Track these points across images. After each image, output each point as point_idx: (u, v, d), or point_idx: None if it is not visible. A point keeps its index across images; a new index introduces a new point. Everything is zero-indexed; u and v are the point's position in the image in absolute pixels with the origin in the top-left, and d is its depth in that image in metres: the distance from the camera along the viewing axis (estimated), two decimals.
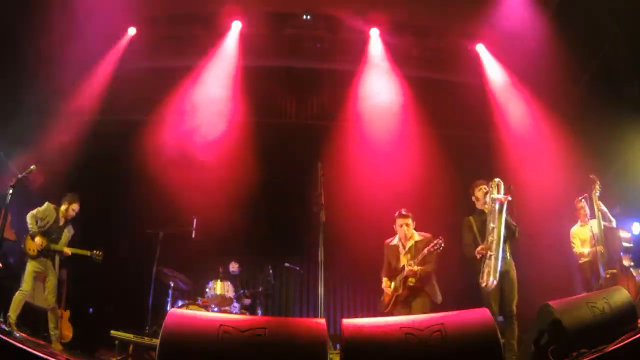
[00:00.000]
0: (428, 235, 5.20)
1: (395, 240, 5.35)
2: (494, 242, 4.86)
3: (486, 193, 5.15)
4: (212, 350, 2.59)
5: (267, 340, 2.65)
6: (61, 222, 6.24)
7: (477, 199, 5.34)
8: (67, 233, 6.27)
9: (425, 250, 4.90)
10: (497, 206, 4.93)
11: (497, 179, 5.11)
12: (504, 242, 4.95)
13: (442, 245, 4.84)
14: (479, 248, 5.02)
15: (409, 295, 5.00)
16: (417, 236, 5.23)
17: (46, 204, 6.21)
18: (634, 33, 6.29)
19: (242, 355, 2.60)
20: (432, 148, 8.11)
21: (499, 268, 4.82)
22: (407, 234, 5.19)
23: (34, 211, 6.08)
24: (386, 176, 7.56)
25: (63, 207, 6.25)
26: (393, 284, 5.16)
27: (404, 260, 5.14)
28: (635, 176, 6.59)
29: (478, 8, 7.31)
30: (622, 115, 6.55)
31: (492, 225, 4.93)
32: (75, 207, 6.29)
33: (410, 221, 5.23)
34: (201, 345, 2.61)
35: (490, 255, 4.85)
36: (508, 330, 4.89)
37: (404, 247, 5.23)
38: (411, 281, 4.94)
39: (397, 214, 5.32)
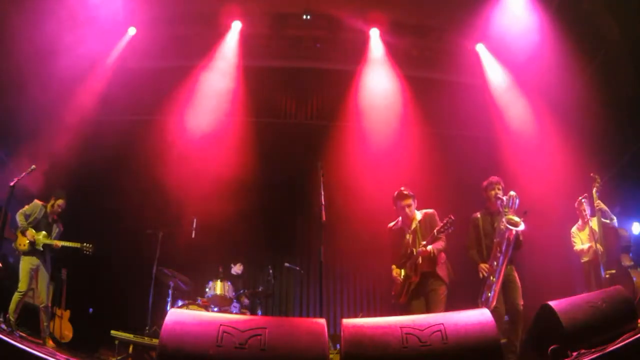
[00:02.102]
0: (430, 210, 4.99)
1: (398, 224, 5.13)
2: (498, 269, 4.78)
3: (498, 198, 5.02)
4: (212, 351, 2.59)
5: (267, 340, 2.65)
6: (50, 219, 6.26)
7: (489, 198, 5.20)
8: (56, 229, 6.28)
9: (435, 231, 4.65)
10: (506, 237, 4.77)
11: (513, 193, 4.94)
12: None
13: (452, 223, 4.53)
14: (483, 267, 4.91)
15: (423, 281, 4.76)
16: (419, 215, 4.99)
17: (34, 201, 6.24)
18: (633, 33, 6.29)
19: (242, 356, 2.60)
20: (432, 148, 8.12)
21: (498, 293, 4.78)
22: (409, 215, 4.96)
23: (22, 209, 6.11)
24: (386, 176, 7.55)
25: (50, 204, 6.28)
26: (403, 271, 4.92)
27: (410, 245, 4.91)
28: (636, 176, 6.59)
29: (478, 8, 7.31)
30: (622, 116, 6.55)
31: (499, 250, 4.82)
32: (60, 202, 6.30)
33: (411, 202, 4.98)
34: (201, 346, 2.61)
35: (493, 281, 4.78)
36: (512, 330, 4.85)
37: (409, 229, 4.99)
38: (422, 265, 4.71)
39: (396, 194, 5.04)
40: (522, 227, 4.76)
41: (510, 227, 4.76)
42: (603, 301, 3.33)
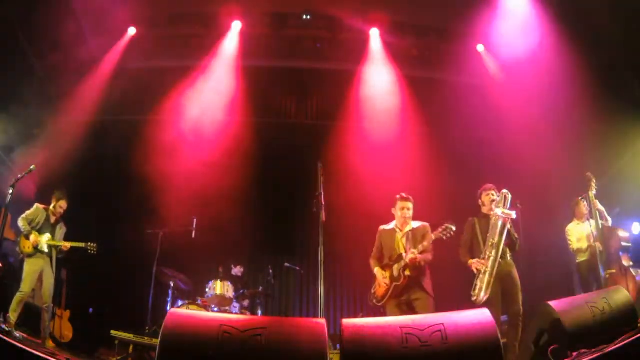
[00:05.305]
0: (425, 223, 5.02)
1: (391, 225, 5.16)
2: (491, 258, 4.79)
3: (493, 201, 5.06)
4: (212, 351, 2.59)
5: (267, 340, 2.65)
6: (52, 220, 6.23)
7: (484, 204, 5.23)
8: (60, 230, 6.26)
9: (433, 235, 4.69)
10: (499, 223, 4.85)
11: (505, 191, 4.98)
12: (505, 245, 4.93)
13: (453, 230, 4.61)
14: (475, 262, 4.92)
15: (408, 287, 4.77)
16: (414, 223, 5.03)
17: (35, 205, 6.19)
18: (634, 34, 6.29)
19: (242, 356, 2.60)
20: (432, 148, 8.12)
21: (491, 285, 4.77)
22: (407, 219, 5.00)
23: (24, 215, 6.06)
24: (386, 176, 7.56)
25: (52, 205, 6.25)
26: (389, 273, 4.92)
27: (401, 247, 4.92)
28: (635, 176, 6.59)
29: (478, 8, 7.32)
30: (622, 116, 6.55)
31: (491, 240, 4.86)
32: (62, 204, 6.27)
33: (411, 205, 5.05)
34: (201, 346, 2.61)
35: (485, 271, 4.79)
36: (512, 331, 4.83)
37: (402, 232, 5.01)
38: (408, 271, 4.72)
39: (398, 196, 5.11)
40: (514, 215, 4.86)
41: (503, 215, 4.83)
42: (603, 301, 3.33)
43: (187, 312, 3.18)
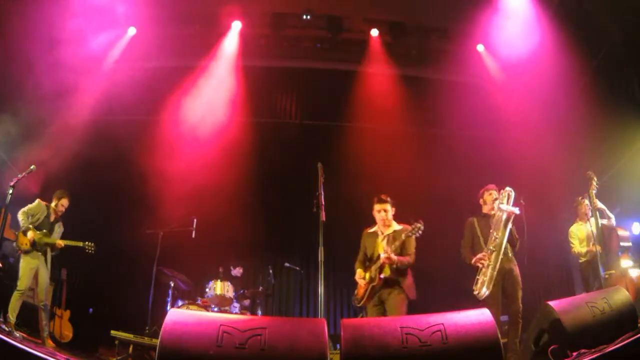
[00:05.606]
0: (407, 225, 4.97)
1: (374, 228, 5.20)
2: (494, 252, 4.80)
3: (495, 199, 5.07)
4: (212, 351, 2.59)
5: (268, 340, 2.65)
6: (52, 218, 6.22)
7: (485, 203, 5.24)
8: (58, 229, 6.25)
9: (403, 235, 4.72)
10: (504, 217, 4.87)
11: (508, 189, 5.03)
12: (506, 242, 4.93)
13: (421, 229, 4.64)
14: (478, 256, 4.91)
15: (384, 287, 4.78)
16: (395, 225, 5.05)
17: (37, 200, 6.19)
18: (633, 33, 6.29)
19: (243, 356, 2.60)
20: (432, 148, 8.12)
21: (493, 279, 4.75)
22: (385, 220, 5.02)
23: (25, 208, 6.04)
24: (386, 176, 7.56)
25: (53, 204, 6.24)
26: (368, 274, 4.96)
27: (380, 249, 4.92)
28: (636, 176, 6.58)
29: (478, 8, 7.32)
30: (622, 116, 6.55)
31: (495, 235, 4.87)
32: (64, 202, 6.28)
33: (388, 207, 5.03)
34: (201, 346, 2.61)
35: (488, 265, 4.78)
36: (512, 330, 4.83)
37: (383, 234, 5.05)
38: (386, 271, 4.72)
39: (375, 199, 5.14)
40: (517, 211, 4.88)
41: (507, 209, 4.86)
42: (603, 301, 3.33)
43: (187, 312, 3.17)
